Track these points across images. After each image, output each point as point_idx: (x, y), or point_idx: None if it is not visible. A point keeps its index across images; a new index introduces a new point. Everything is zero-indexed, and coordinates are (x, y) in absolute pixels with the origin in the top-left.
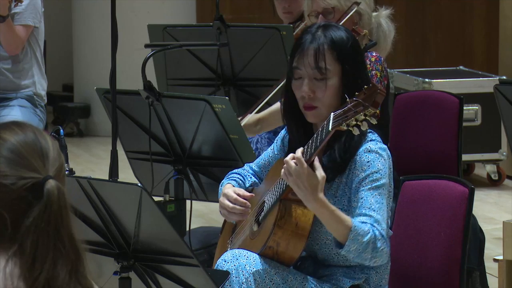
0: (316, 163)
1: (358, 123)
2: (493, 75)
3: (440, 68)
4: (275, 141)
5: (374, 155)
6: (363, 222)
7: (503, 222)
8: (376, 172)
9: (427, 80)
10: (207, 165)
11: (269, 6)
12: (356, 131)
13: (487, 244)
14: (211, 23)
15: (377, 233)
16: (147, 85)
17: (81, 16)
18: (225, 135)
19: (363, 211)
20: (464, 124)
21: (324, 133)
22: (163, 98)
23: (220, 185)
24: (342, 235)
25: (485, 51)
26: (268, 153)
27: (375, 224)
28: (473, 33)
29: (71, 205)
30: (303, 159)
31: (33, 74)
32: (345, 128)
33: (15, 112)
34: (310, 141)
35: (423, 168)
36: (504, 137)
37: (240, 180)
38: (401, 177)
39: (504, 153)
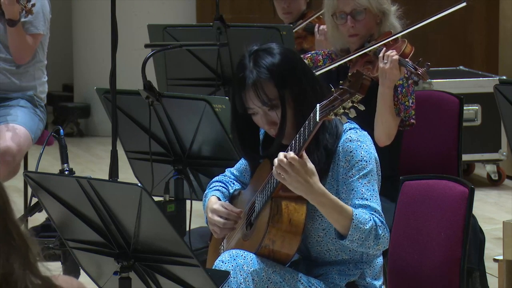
0: (305, 155)
1: (346, 110)
2: (493, 75)
3: (440, 68)
4: None
5: (356, 143)
6: (362, 211)
7: (503, 222)
8: (361, 161)
9: (427, 80)
10: (207, 165)
11: (270, 6)
12: (344, 120)
13: (487, 244)
14: (211, 23)
15: (377, 220)
16: (147, 85)
17: (81, 16)
18: (225, 135)
19: (357, 202)
20: (464, 124)
21: (312, 125)
22: (163, 98)
23: (204, 196)
24: (343, 225)
25: (485, 51)
26: None
27: (373, 212)
28: (473, 33)
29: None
30: (296, 156)
31: (36, 78)
32: (333, 117)
33: (16, 112)
34: (298, 135)
35: (423, 168)
36: (504, 137)
37: (224, 188)
38: (401, 177)
39: (504, 153)
